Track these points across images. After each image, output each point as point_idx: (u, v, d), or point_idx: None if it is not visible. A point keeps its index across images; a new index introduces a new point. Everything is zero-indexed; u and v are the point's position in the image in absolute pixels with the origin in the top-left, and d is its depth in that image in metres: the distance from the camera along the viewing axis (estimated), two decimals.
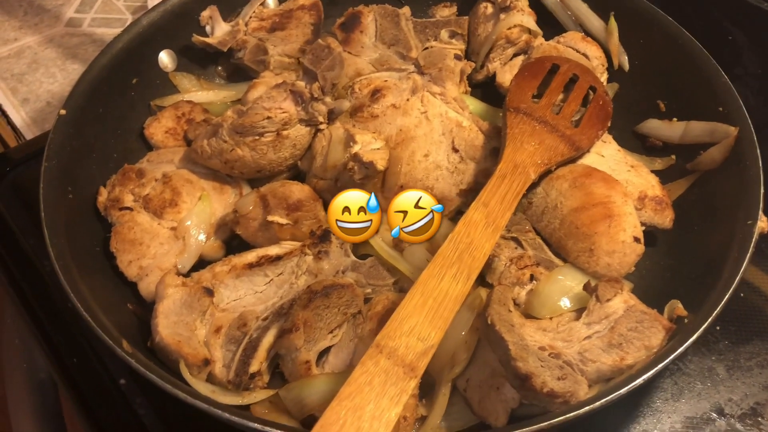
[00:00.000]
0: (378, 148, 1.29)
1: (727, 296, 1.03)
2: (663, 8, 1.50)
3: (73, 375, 1.25)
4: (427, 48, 1.56)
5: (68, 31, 2.00)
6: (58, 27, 2.01)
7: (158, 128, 1.46)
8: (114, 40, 1.45)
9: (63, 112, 1.31)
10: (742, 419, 1.18)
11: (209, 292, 1.18)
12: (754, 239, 1.10)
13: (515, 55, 1.57)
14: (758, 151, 1.21)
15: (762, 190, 1.16)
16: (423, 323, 0.99)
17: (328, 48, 1.33)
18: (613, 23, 1.53)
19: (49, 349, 1.28)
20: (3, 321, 1.48)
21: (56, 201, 1.22)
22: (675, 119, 1.41)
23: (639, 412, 1.19)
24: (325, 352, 1.15)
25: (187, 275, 1.25)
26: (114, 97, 1.42)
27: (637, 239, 1.20)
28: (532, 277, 1.19)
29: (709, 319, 1.01)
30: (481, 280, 1.20)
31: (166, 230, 1.29)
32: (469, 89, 1.54)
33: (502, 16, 1.56)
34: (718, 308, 1.02)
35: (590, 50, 1.50)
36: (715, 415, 1.19)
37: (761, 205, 1.14)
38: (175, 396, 0.97)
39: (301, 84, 1.31)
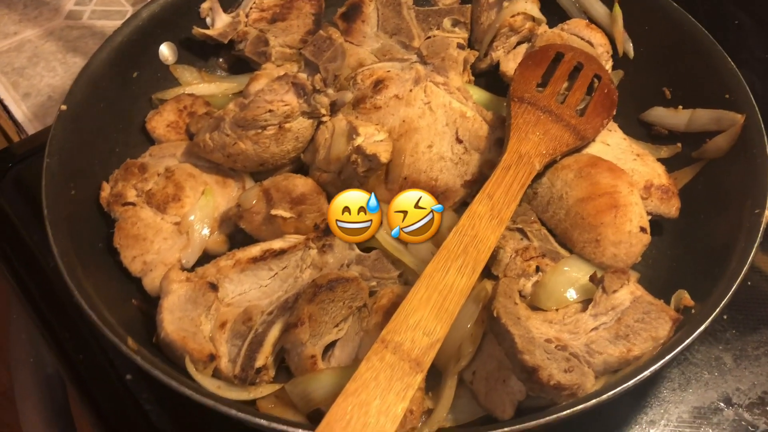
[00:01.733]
0: (381, 140, 1.28)
1: (734, 287, 1.02)
2: None
3: (80, 371, 1.25)
4: (429, 37, 1.54)
5: (68, 23, 1.98)
6: (58, 20, 1.99)
7: (160, 122, 1.45)
8: (114, 33, 1.43)
9: (64, 107, 1.30)
10: (749, 409, 1.17)
11: (214, 287, 1.18)
12: (761, 228, 1.09)
13: (519, 43, 1.56)
14: (766, 138, 1.19)
15: None
16: (428, 317, 0.99)
17: (330, 39, 1.32)
18: (617, 10, 1.51)
19: (55, 345, 1.29)
20: (9, 317, 1.48)
21: (59, 197, 1.21)
22: (680, 107, 1.40)
23: (646, 402, 1.19)
24: (331, 345, 1.15)
25: (191, 270, 1.24)
26: (115, 91, 1.41)
27: (643, 229, 1.19)
28: (537, 269, 1.18)
29: (716, 310, 1.00)
30: (487, 272, 1.20)
31: (169, 225, 1.29)
32: (472, 78, 1.52)
33: (506, 3, 1.54)
34: (726, 299, 1.01)
35: (595, 37, 1.48)
36: (722, 404, 1.18)
37: None
38: (180, 393, 0.97)
39: (303, 76, 1.30)
